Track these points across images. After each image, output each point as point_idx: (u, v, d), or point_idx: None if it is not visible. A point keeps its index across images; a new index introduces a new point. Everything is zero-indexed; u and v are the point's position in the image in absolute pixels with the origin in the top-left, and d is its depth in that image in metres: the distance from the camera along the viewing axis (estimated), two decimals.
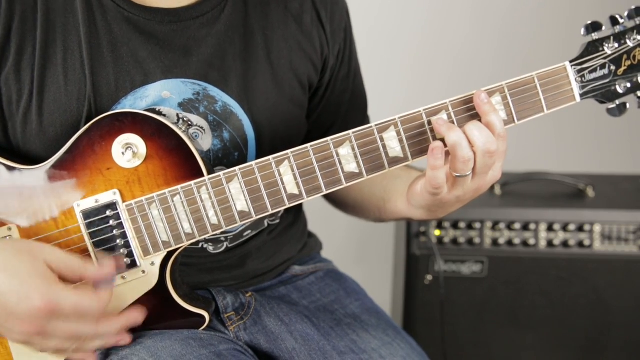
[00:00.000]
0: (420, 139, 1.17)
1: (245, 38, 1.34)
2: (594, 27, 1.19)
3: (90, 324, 1.11)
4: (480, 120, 1.15)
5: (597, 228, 2.10)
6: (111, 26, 1.25)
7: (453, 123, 1.17)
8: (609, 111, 1.23)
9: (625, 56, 1.20)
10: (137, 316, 1.19)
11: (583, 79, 1.19)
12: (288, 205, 1.19)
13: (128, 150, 1.18)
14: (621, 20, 1.19)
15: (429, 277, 2.15)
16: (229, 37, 1.32)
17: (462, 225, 2.13)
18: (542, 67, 1.19)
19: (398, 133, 1.17)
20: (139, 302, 1.22)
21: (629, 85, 1.21)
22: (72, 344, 1.12)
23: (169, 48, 1.27)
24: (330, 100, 1.48)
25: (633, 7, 1.18)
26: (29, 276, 1.06)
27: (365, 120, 1.57)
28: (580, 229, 2.11)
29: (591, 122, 2.48)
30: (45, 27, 1.23)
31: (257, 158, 1.32)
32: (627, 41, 1.19)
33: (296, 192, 1.18)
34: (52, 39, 1.23)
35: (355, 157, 1.17)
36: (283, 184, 1.18)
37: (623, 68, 1.20)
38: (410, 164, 1.20)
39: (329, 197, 1.57)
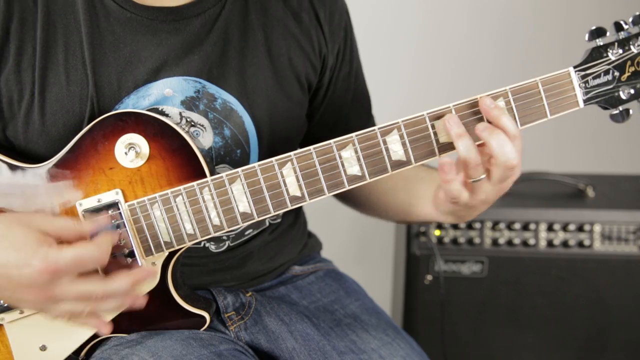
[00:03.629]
0: (423, 142, 1.18)
1: (245, 34, 1.34)
2: (598, 32, 1.18)
3: (97, 280, 1.11)
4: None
5: (597, 228, 2.10)
6: (113, 26, 1.25)
7: None
8: (612, 117, 1.23)
9: (629, 62, 1.19)
10: (146, 272, 1.18)
11: (587, 84, 1.19)
12: (290, 207, 1.19)
13: (131, 150, 1.18)
14: (625, 27, 1.18)
15: (429, 277, 2.15)
16: (229, 34, 1.32)
17: (462, 225, 2.13)
18: (542, 67, 1.19)
19: (401, 137, 1.17)
20: None
21: (632, 91, 1.20)
22: (84, 306, 1.12)
23: (171, 46, 1.27)
24: (331, 100, 1.48)
25: (638, 13, 1.18)
26: (24, 245, 1.07)
27: (369, 119, 1.57)
28: (580, 229, 2.10)
29: (591, 122, 2.48)
30: (45, 27, 1.23)
31: (259, 155, 1.34)
32: (632, 47, 1.19)
33: (298, 194, 1.18)
34: (53, 39, 1.23)
35: (358, 159, 1.17)
36: (285, 185, 1.18)
37: (627, 74, 1.19)
38: (421, 165, 1.21)
39: (345, 199, 1.58)
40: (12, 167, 1.20)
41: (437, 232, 2.13)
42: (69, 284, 1.08)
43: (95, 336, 1.25)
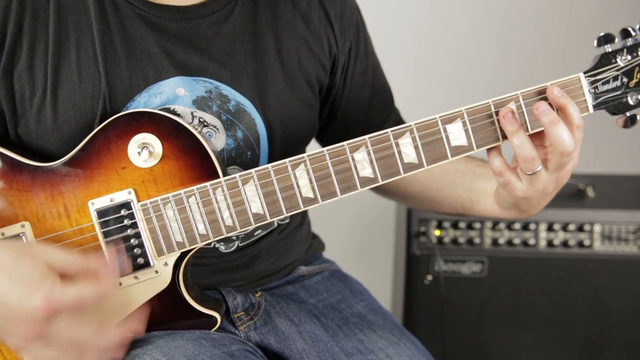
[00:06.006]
0: (435, 146, 1.18)
1: (255, 37, 1.34)
2: (607, 39, 1.20)
3: (91, 326, 1.08)
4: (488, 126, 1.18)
5: (597, 228, 2.11)
6: (123, 22, 1.25)
7: (468, 131, 1.19)
8: (620, 123, 1.24)
9: (637, 69, 1.20)
10: (137, 326, 1.18)
11: (596, 90, 1.20)
12: (303, 209, 1.19)
13: (144, 149, 1.18)
14: (633, 33, 1.20)
15: (429, 277, 2.15)
16: (239, 36, 1.32)
17: (462, 225, 2.14)
18: (543, 69, 1.20)
19: (413, 139, 1.18)
20: (151, 302, 1.22)
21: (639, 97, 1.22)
22: (70, 354, 1.08)
23: (180, 45, 1.28)
24: (349, 98, 1.49)
25: None
26: (29, 277, 1.04)
27: (392, 114, 1.56)
28: (580, 229, 2.12)
29: (591, 122, 2.49)
30: (57, 24, 1.23)
31: (269, 157, 1.34)
32: (639, 54, 1.20)
33: (311, 195, 1.19)
34: (65, 36, 1.23)
35: (371, 162, 1.18)
36: (298, 187, 1.18)
37: (635, 80, 1.21)
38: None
39: (391, 194, 1.58)
40: (24, 165, 1.20)
41: (437, 232, 2.14)
42: (65, 326, 1.05)
43: None
